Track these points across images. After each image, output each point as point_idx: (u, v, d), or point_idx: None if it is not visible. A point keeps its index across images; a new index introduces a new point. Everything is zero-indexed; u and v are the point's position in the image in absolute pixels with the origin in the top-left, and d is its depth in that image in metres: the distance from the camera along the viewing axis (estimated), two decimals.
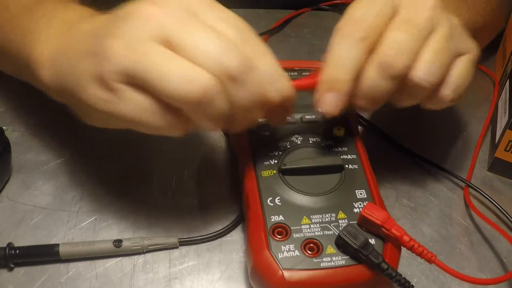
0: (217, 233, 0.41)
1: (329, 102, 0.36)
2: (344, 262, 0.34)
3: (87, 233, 0.41)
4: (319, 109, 0.37)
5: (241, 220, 0.42)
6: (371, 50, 0.36)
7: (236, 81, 0.32)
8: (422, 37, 0.36)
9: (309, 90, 0.38)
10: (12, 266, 0.38)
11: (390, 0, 0.37)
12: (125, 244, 0.39)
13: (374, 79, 0.36)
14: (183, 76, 0.31)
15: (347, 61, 0.36)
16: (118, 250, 0.39)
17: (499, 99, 0.53)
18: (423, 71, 0.36)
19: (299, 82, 0.38)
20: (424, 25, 0.36)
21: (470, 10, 0.50)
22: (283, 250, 0.34)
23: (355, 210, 0.37)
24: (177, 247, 0.40)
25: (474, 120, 0.53)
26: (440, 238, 0.42)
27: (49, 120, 0.49)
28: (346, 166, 0.39)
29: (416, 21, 0.36)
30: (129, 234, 0.41)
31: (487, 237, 0.43)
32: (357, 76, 0.36)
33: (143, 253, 0.40)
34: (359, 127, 0.43)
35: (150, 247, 0.40)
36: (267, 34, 0.63)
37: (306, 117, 0.43)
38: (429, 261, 0.34)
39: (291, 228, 0.35)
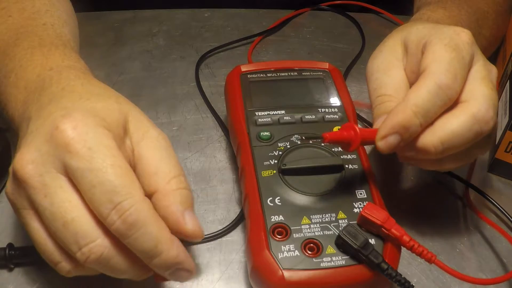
0: (217, 233, 0.41)
1: (391, 144, 0.36)
2: (344, 262, 0.34)
3: None
4: (378, 145, 0.36)
5: (241, 220, 0.42)
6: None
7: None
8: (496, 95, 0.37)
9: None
10: (12, 266, 0.38)
11: (471, 54, 0.37)
12: None
13: (463, 129, 0.35)
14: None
15: (430, 115, 0.35)
16: None
17: (499, 100, 0.53)
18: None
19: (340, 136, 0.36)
20: (495, 82, 0.37)
21: (480, 36, 0.50)
22: (283, 250, 0.34)
23: (355, 210, 0.37)
24: None
25: None
26: (440, 238, 0.42)
27: None
28: (346, 166, 0.39)
29: (494, 82, 0.37)
30: None
31: (487, 237, 0.43)
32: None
33: None
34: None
35: None
36: (263, 35, 0.63)
37: (306, 117, 0.43)
38: (429, 261, 0.34)
39: (291, 228, 0.35)
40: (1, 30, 0.42)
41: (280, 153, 0.40)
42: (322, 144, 0.41)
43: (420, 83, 0.36)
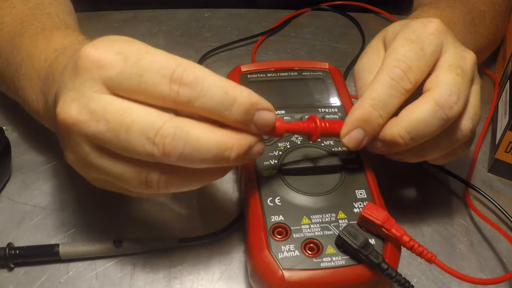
0: (217, 233, 0.41)
1: (355, 139, 0.36)
2: (344, 262, 0.34)
3: (87, 233, 0.41)
4: (343, 141, 0.37)
5: (241, 220, 0.42)
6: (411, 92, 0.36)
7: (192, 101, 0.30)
8: (470, 83, 0.37)
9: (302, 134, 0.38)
10: (12, 266, 0.38)
11: (437, 44, 0.37)
12: (125, 244, 0.39)
13: (426, 116, 0.35)
14: (149, 128, 0.30)
15: (389, 106, 0.36)
16: (118, 250, 0.39)
17: (499, 100, 0.53)
18: (472, 120, 0.37)
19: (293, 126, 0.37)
20: (470, 72, 0.37)
21: (477, 35, 0.50)
22: (283, 250, 0.34)
23: (355, 210, 0.37)
24: (177, 247, 0.40)
25: None
26: (440, 238, 0.42)
27: None
28: (346, 166, 0.39)
29: (465, 68, 0.37)
30: (129, 234, 0.41)
31: (487, 237, 0.43)
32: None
33: (143, 253, 0.40)
34: None
35: (150, 247, 0.40)
36: (265, 34, 0.64)
37: (306, 117, 0.43)
38: (429, 261, 0.34)
39: (291, 228, 0.35)
40: (7, 21, 0.42)
41: (280, 153, 0.40)
42: (322, 144, 0.41)
43: (376, 77, 0.37)
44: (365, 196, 0.38)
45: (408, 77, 0.36)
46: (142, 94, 0.30)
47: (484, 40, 0.52)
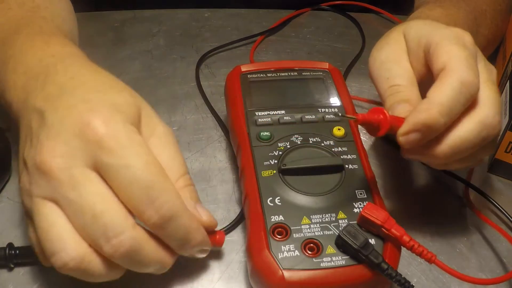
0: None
1: (413, 141, 0.35)
2: (344, 262, 0.34)
3: None
4: (399, 139, 0.35)
5: (241, 220, 0.42)
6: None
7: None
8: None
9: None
10: (12, 266, 0.38)
11: (475, 55, 0.37)
12: None
13: (470, 134, 0.35)
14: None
15: (454, 113, 0.35)
16: None
17: None
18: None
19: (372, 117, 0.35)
20: (496, 83, 0.37)
21: (479, 35, 0.50)
22: (283, 250, 0.34)
23: (355, 210, 0.37)
24: None
25: None
26: (440, 238, 0.42)
27: None
28: (346, 166, 0.39)
29: (493, 79, 0.37)
30: None
31: (487, 237, 0.43)
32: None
33: None
34: (359, 127, 0.43)
35: None
36: (263, 35, 0.64)
37: (306, 117, 0.43)
38: (429, 261, 0.34)
39: (291, 228, 0.35)
40: (1, 22, 0.42)
41: (280, 153, 0.40)
42: (322, 144, 0.41)
43: (442, 81, 0.35)
44: (365, 196, 0.38)
45: (476, 82, 0.35)
46: (123, 196, 0.31)
47: (485, 40, 0.52)
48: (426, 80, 0.39)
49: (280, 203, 0.37)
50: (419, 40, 0.39)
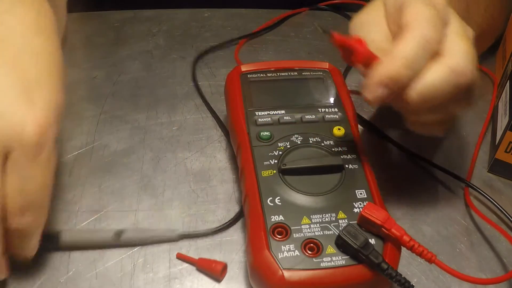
0: (217, 228, 0.41)
1: (377, 94, 0.36)
2: (344, 262, 0.34)
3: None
4: (364, 94, 0.36)
5: (241, 216, 0.42)
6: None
7: None
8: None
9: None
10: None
11: (446, 13, 0.38)
12: (126, 234, 0.39)
13: (439, 79, 0.36)
14: None
15: (418, 67, 0.36)
16: (119, 240, 0.39)
17: (499, 100, 0.53)
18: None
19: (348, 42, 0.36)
20: (472, 40, 0.38)
21: (470, 21, 0.50)
22: (283, 250, 0.34)
23: (355, 210, 0.37)
24: (177, 248, 0.40)
25: (474, 120, 0.53)
26: (440, 238, 0.42)
27: None
28: (346, 166, 0.39)
29: (469, 36, 0.38)
30: (129, 231, 0.41)
31: (487, 237, 0.43)
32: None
33: (144, 245, 0.40)
34: (359, 127, 0.43)
35: (150, 239, 0.40)
36: (246, 38, 0.63)
37: (306, 117, 0.43)
38: (429, 261, 0.34)
39: (291, 228, 0.35)
40: None
41: (280, 153, 0.40)
42: (322, 144, 0.41)
43: (406, 36, 0.36)
44: (365, 196, 0.38)
45: (438, 38, 0.36)
46: None
47: (478, 28, 0.52)
48: None
49: (280, 203, 0.37)
50: (395, 4, 0.39)
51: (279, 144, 0.41)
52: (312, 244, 0.35)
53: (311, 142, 0.41)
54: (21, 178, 0.32)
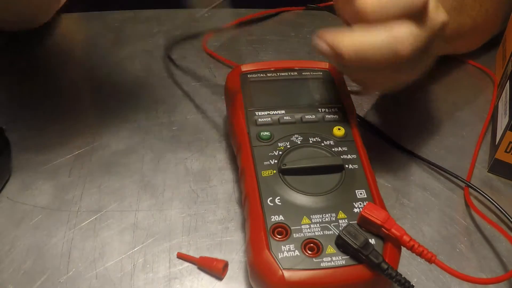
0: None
1: (323, 51, 0.38)
2: (344, 262, 0.34)
3: (87, 233, 0.41)
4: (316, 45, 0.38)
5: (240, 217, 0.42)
6: None
7: None
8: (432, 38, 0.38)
9: None
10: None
11: None
12: None
13: (379, 41, 0.36)
14: None
15: (386, 10, 0.36)
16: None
17: (499, 100, 0.53)
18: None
19: None
20: (436, 28, 0.38)
21: (463, 13, 0.50)
22: (283, 250, 0.34)
23: (355, 210, 0.37)
24: (177, 248, 0.40)
25: (474, 120, 0.53)
26: (440, 238, 0.42)
27: (49, 120, 0.49)
28: (346, 166, 0.39)
29: (434, 23, 0.38)
30: (129, 234, 0.41)
31: (487, 237, 0.43)
32: None
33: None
34: (359, 127, 0.43)
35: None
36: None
37: (306, 117, 0.43)
38: (429, 261, 0.34)
39: (291, 228, 0.35)
40: None
41: (280, 153, 0.40)
42: (322, 144, 0.41)
43: None
44: (365, 196, 0.38)
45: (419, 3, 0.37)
46: None
47: (472, 21, 0.52)
48: None
49: (280, 203, 0.37)
50: None
51: (279, 144, 0.41)
52: (312, 244, 0.35)
53: (311, 142, 0.41)
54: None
